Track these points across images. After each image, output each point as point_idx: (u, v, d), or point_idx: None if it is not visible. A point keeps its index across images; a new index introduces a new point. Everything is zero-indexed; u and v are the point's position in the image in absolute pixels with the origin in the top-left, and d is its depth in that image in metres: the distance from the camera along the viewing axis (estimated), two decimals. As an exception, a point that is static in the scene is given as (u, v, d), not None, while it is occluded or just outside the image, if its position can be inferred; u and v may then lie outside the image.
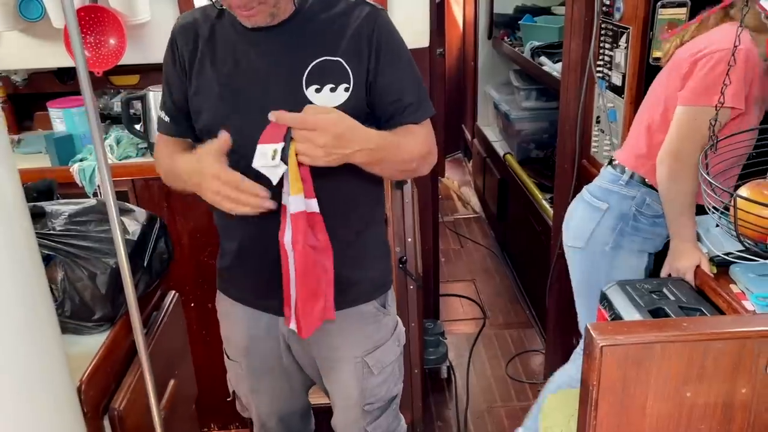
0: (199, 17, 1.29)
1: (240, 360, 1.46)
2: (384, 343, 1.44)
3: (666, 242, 1.68)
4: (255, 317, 1.40)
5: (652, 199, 1.67)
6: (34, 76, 2.37)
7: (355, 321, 1.39)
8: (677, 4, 1.69)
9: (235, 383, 1.53)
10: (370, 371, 1.43)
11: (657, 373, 0.95)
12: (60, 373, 0.82)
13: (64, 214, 1.19)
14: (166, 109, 1.35)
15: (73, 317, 1.14)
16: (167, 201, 2.07)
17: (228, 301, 1.44)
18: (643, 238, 1.71)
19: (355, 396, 1.44)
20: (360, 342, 1.40)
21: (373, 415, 1.49)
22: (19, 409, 0.76)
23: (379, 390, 1.46)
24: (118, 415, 1.10)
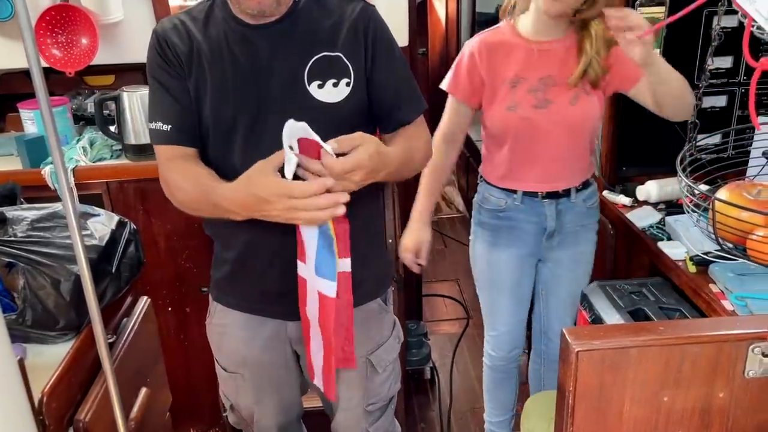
0: (186, 19, 1.25)
1: (242, 372, 1.42)
2: (386, 341, 1.45)
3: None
4: (257, 326, 1.36)
5: (489, 193, 1.77)
6: (5, 76, 2.31)
7: (360, 321, 1.37)
8: (656, 2, 1.68)
9: (234, 397, 1.47)
10: (375, 370, 1.43)
11: (634, 377, 0.93)
12: (11, 388, 0.78)
13: (27, 220, 1.15)
14: (166, 116, 1.22)
15: (36, 326, 1.10)
16: (143, 204, 2.04)
17: (226, 312, 1.39)
18: (489, 231, 1.80)
19: (359, 396, 1.44)
20: (364, 341, 1.40)
21: (374, 416, 1.49)
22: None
23: (381, 389, 1.46)
24: (84, 427, 1.06)
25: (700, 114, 1.61)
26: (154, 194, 2.03)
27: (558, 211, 1.72)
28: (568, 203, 1.72)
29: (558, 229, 1.74)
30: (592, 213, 1.77)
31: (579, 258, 1.80)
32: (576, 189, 1.71)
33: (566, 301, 1.84)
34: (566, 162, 1.68)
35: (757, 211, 1.03)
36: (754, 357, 0.92)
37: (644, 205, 1.81)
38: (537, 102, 1.61)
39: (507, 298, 1.87)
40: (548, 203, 1.70)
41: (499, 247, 1.80)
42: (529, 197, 1.72)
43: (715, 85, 1.77)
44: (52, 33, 2.04)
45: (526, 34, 1.63)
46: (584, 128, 1.65)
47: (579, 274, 1.82)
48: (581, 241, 1.77)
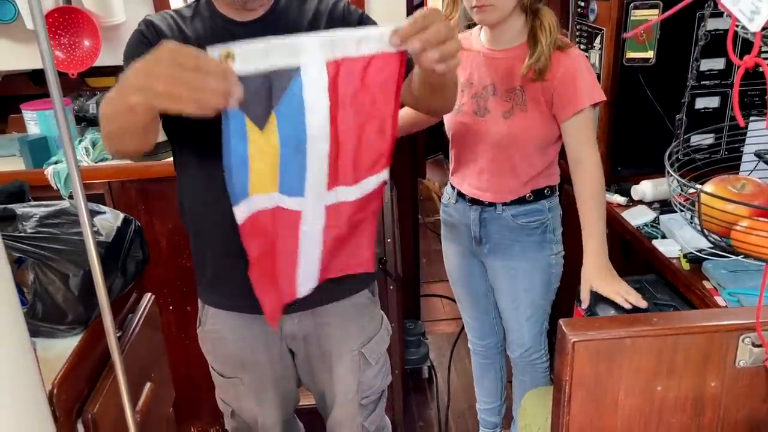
0: (174, 15, 1.27)
1: (240, 375, 1.42)
2: (376, 334, 1.47)
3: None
4: (250, 326, 1.36)
5: (447, 188, 1.84)
6: (8, 78, 2.34)
7: (352, 314, 1.41)
8: (649, 5, 1.72)
9: (236, 402, 1.47)
10: (367, 362, 1.45)
11: (628, 367, 0.96)
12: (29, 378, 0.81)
13: (36, 217, 1.18)
14: None
15: (45, 320, 1.13)
16: (144, 203, 2.06)
17: (217, 317, 1.39)
18: (442, 225, 1.90)
19: (354, 390, 1.46)
20: (357, 334, 1.43)
21: (368, 410, 1.52)
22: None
23: (374, 381, 1.49)
24: (92, 419, 1.09)
25: (693, 115, 1.65)
26: (155, 194, 2.06)
27: (482, 218, 1.74)
28: (494, 214, 1.72)
29: (485, 236, 1.76)
30: (530, 232, 1.72)
31: (513, 274, 1.77)
32: (504, 203, 1.70)
33: (510, 311, 1.84)
34: (492, 175, 1.68)
35: (741, 203, 1.06)
36: (744, 347, 0.95)
37: (639, 204, 1.84)
38: (477, 109, 1.64)
39: (462, 291, 1.95)
40: (473, 209, 1.74)
41: (447, 241, 1.90)
42: (461, 198, 1.77)
43: (708, 86, 1.81)
44: (55, 35, 2.07)
45: (482, 41, 1.66)
46: (511, 145, 1.62)
47: (516, 289, 1.79)
48: (515, 256, 1.74)
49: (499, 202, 1.70)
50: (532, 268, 1.75)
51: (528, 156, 1.64)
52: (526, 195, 1.69)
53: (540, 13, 1.56)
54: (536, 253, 1.74)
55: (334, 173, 1.08)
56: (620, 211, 1.82)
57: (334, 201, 1.12)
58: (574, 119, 1.56)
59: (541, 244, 1.74)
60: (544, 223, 1.72)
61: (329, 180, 1.08)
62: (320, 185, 1.08)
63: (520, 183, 1.68)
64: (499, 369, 2.11)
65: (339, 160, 1.07)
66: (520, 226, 1.71)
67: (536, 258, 1.74)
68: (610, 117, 1.88)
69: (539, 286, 1.78)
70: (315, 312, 1.38)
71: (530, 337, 1.86)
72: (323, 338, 1.41)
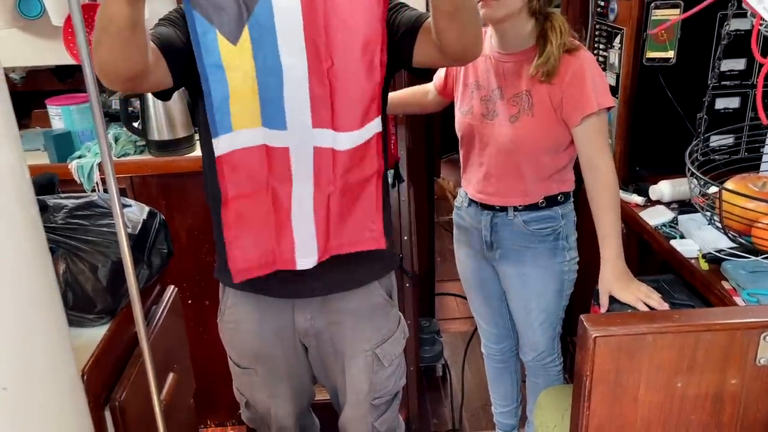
0: None
1: (255, 367, 1.45)
2: (392, 336, 1.47)
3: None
4: (267, 319, 1.39)
5: (459, 191, 1.85)
6: (32, 73, 2.37)
7: (366, 314, 1.41)
8: (670, 5, 1.72)
9: (250, 392, 1.50)
10: (381, 364, 1.45)
11: (649, 363, 0.97)
12: (66, 361, 0.84)
13: (66, 208, 1.20)
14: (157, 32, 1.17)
15: (75, 309, 1.15)
16: (165, 198, 2.09)
17: (235, 308, 1.41)
18: (455, 228, 1.90)
19: (366, 390, 1.46)
20: (371, 335, 1.43)
21: (380, 410, 1.52)
22: (27, 395, 0.77)
23: (387, 383, 1.49)
24: (119, 407, 1.11)
25: (713, 115, 1.65)
26: (176, 189, 2.08)
27: (493, 224, 1.72)
28: (505, 219, 1.70)
29: (496, 242, 1.74)
30: (542, 239, 1.70)
31: (525, 280, 1.76)
32: (515, 208, 1.69)
33: (523, 316, 1.83)
34: (498, 179, 1.67)
35: (762, 200, 1.07)
36: (765, 345, 0.96)
37: (657, 204, 1.85)
38: (486, 112, 1.64)
39: (475, 294, 1.94)
40: (485, 214, 1.72)
41: (459, 244, 1.89)
42: (473, 202, 1.76)
43: (728, 87, 1.80)
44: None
45: (492, 44, 1.65)
46: (517, 149, 1.61)
47: (528, 295, 1.78)
48: (527, 262, 1.73)
49: (508, 205, 1.68)
50: (544, 274, 1.74)
51: (535, 161, 1.63)
52: (539, 201, 1.67)
53: (551, 17, 1.55)
54: (548, 260, 1.72)
55: (317, 107, 1.04)
56: (638, 211, 1.82)
57: (322, 144, 1.07)
58: (585, 124, 1.54)
59: (554, 251, 1.72)
60: (556, 230, 1.70)
61: (313, 114, 1.04)
62: (303, 115, 1.04)
63: (527, 188, 1.66)
64: (514, 371, 2.10)
65: (320, 90, 1.03)
66: (531, 232, 1.69)
67: (548, 265, 1.72)
68: (629, 116, 1.89)
69: (551, 292, 1.76)
70: (327, 308, 1.39)
71: (543, 341, 1.85)
72: (336, 337, 1.42)
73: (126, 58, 1.04)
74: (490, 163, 1.67)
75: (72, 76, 2.41)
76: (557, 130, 1.59)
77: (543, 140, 1.60)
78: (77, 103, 2.13)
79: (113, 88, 1.11)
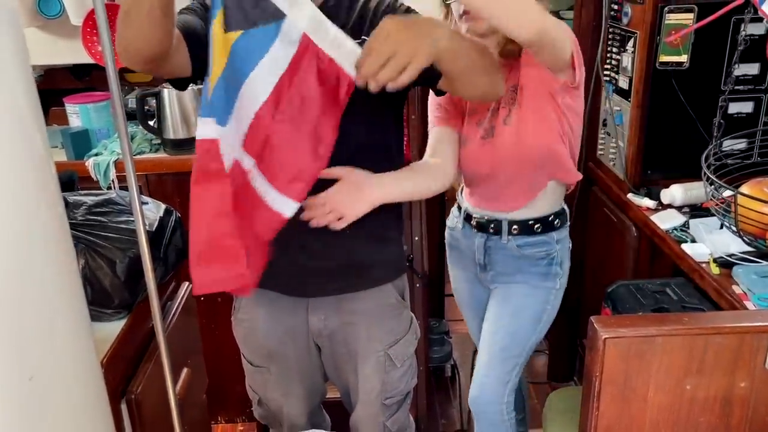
0: None
1: (268, 365, 1.46)
2: (404, 336, 1.48)
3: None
4: (277, 319, 1.41)
5: (453, 208, 1.77)
6: (50, 72, 2.41)
7: (379, 314, 1.42)
8: (684, 9, 1.72)
9: (263, 391, 1.52)
10: (393, 364, 1.46)
11: (658, 365, 0.98)
12: (88, 352, 0.86)
13: (85, 205, 1.23)
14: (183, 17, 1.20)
15: (94, 304, 1.17)
16: (180, 196, 2.11)
17: (249, 306, 1.43)
18: (447, 247, 1.81)
19: (377, 389, 1.47)
20: (384, 335, 1.44)
21: (391, 410, 1.53)
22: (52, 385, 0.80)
23: (399, 383, 1.50)
24: (135, 400, 1.13)
25: (726, 119, 1.65)
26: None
27: (487, 246, 1.65)
28: (499, 243, 1.62)
29: (489, 264, 1.67)
30: (535, 263, 1.62)
31: (506, 297, 1.67)
32: (510, 231, 1.60)
33: (488, 335, 1.68)
34: (510, 185, 1.58)
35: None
36: (775, 348, 0.96)
37: (668, 208, 1.85)
38: (485, 133, 1.55)
39: (471, 316, 1.84)
40: (479, 236, 1.65)
41: (453, 265, 1.82)
42: (468, 224, 1.68)
43: (742, 91, 1.80)
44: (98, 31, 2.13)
45: None
46: (522, 149, 1.51)
47: (502, 312, 1.67)
48: (515, 283, 1.64)
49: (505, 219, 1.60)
50: (527, 296, 1.64)
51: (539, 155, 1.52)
52: (535, 226, 1.60)
53: None
54: (538, 281, 1.64)
55: (252, 144, 1.07)
56: (649, 215, 1.82)
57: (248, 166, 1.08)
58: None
59: (546, 275, 1.63)
60: (551, 255, 1.62)
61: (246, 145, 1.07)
62: (238, 136, 1.06)
63: (527, 199, 1.58)
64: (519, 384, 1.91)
65: (260, 138, 1.06)
66: (525, 255, 1.62)
67: (537, 285, 1.64)
68: (641, 120, 1.89)
69: (528, 317, 1.65)
70: (341, 308, 1.40)
71: (493, 376, 1.66)
72: (349, 337, 1.43)
73: (152, 38, 1.04)
74: (499, 179, 1.57)
75: (89, 75, 2.45)
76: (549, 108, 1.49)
77: (539, 126, 1.49)
78: (95, 101, 2.17)
79: (133, 68, 1.12)
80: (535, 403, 2.47)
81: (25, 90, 0.82)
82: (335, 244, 1.32)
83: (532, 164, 1.54)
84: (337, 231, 1.30)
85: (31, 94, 0.83)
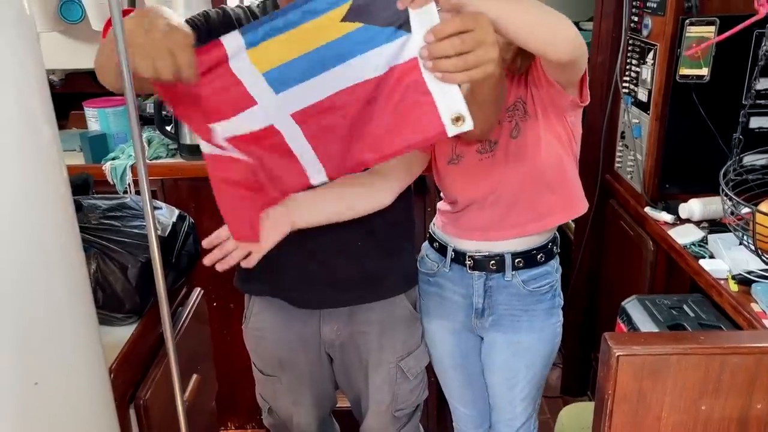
0: (246, 9, 1.31)
1: (279, 375, 1.46)
2: (416, 349, 1.47)
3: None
4: (288, 329, 1.40)
5: (426, 253, 1.55)
6: (71, 76, 2.44)
7: (391, 325, 1.42)
8: (705, 22, 1.70)
9: (273, 399, 1.51)
10: (405, 376, 1.46)
11: (673, 384, 0.96)
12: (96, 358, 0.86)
13: (99, 209, 1.24)
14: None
15: (104, 308, 1.18)
16: (195, 201, 2.12)
17: (260, 315, 1.43)
18: (423, 297, 1.54)
19: (388, 401, 1.47)
20: (396, 346, 1.43)
21: (401, 422, 1.52)
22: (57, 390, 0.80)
23: (410, 396, 1.49)
24: (144, 405, 1.13)
25: (747, 134, 1.62)
26: (206, 192, 2.09)
27: (487, 287, 1.47)
28: (502, 281, 1.46)
29: (489, 308, 1.49)
30: (540, 298, 1.49)
31: (516, 349, 1.51)
32: (514, 265, 1.44)
33: (504, 390, 1.57)
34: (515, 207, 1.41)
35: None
36: (794, 370, 0.94)
37: (686, 222, 1.82)
38: (482, 147, 1.41)
39: (454, 375, 1.62)
40: (476, 277, 1.46)
41: (430, 317, 1.54)
42: (458, 265, 1.47)
43: (763, 105, 1.77)
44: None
45: None
46: (533, 158, 1.38)
47: (516, 366, 1.53)
48: (521, 328, 1.49)
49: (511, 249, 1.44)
50: (538, 340, 1.52)
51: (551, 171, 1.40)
52: (538, 256, 1.47)
53: None
54: (544, 321, 1.51)
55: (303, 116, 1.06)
56: (667, 229, 1.79)
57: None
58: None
59: (550, 311, 1.51)
60: (552, 286, 1.51)
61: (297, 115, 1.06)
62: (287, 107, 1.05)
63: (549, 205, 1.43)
64: None
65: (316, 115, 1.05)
66: (530, 292, 1.48)
67: (543, 328, 1.51)
68: (660, 133, 1.87)
69: (541, 361, 1.55)
70: (354, 318, 1.40)
71: (523, 417, 1.60)
72: (361, 347, 1.43)
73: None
74: (503, 198, 1.41)
75: (109, 80, 2.47)
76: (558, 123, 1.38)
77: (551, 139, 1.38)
78: (113, 105, 2.19)
79: (109, 89, 1.12)
80: (548, 417, 2.43)
81: (37, 93, 0.82)
82: (346, 256, 1.31)
83: (542, 182, 1.40)
84: (348, 243, 1.29)
85: (44, 98, 0.83)
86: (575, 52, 1.14)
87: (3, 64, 0.76)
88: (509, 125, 1.38)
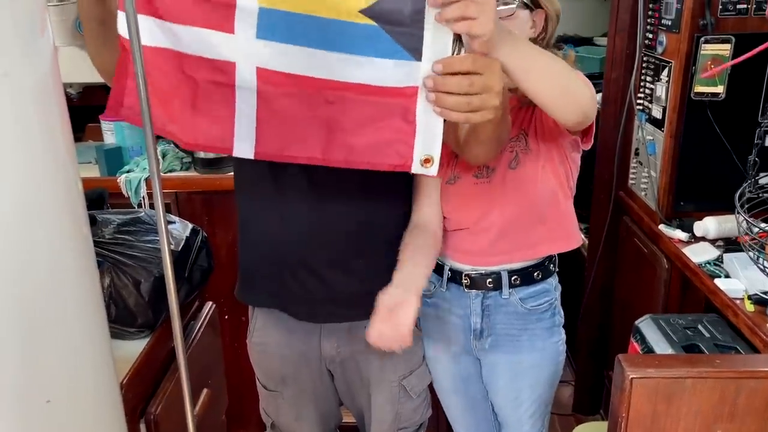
0: None
1: (281, 390, 1.46)
2: (419, 367, 1.46)
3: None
4: (290, 344, 1.40)
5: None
6: (88, 89, 2.47)
7: None
8: (721, 40, 1.69)
9: (275, 415, 1.51)
10: (407, 395, 1.44)
11: (687, 408, 0.94)
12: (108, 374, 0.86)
13: (114, 223, 1.25)
14: None
15: (117, 322, 1.19)
16: (208, 214, 2.14)
17: (263, 330, 1.43)
18: (422, 319, 1.50)
19: (390, 419, 1.45)
20: (397, 365, 1.42)
21: None
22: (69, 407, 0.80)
23: (413, 414, 1.47)
24: (154, 420, 1.14)
25: (763, 153, 1.61)
26: (219, 206, 2.13)
27: (485, 306, 1.45)
28: (499, 300, 1.44)
29: (488, 328, 1.48)
30: (540, 316, 1.47)
31: (518, 370, 1.49)
32: (510, 283, 1.43)
33: (510, 409, 1.56)
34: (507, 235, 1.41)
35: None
36: (811, 395, 0.92)
37: (701, 241, 1.80)
38: (478, 171, 1.41)
39: (456, 400, 1.60)
40: (473, 296, 1.45)
41: (430, 340, 1.52)
42: (455, 284, 1.46)
43: (779, 124, 1.76)
44: (134, 51, 2.18)
45: None
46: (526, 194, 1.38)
47: (519, 386, 1.51)
48: (522, 348, 1.47)
49: (506, 269, 1.43)
50: (540, 359, 1.50)
51: (550, 195, 1.40)
52: (534, 273, 1.45)
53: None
54: (545, 341, 1.49)
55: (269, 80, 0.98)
56: (682, 248, 1.78)
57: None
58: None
59: (551, 330, 1.49)
60: (552, 304, 1.49)
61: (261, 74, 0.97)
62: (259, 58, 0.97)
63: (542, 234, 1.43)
64: None
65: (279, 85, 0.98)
66: (529, 311, 1.46)
67: (545, 347, 1.49)
68: (675, 151, 1.86)
69: (545, 379, 1.53)
70: (354, 335, 1.39)
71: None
72: (362, 365, 1.42)
73: (98, 53, 1.08)
74: (494, 225, 1.41)
75: (124, 94, 2.50)
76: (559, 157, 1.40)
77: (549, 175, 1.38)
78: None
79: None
80: (560, 435, 2.41)
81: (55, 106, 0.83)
82: (347, 271, 1.32)
83: (534, 214, 1.40)
84: (349, 258, 1.30)
85: (61, 111, 0.84)
86: (582, 118, 1.15)
87: (22, 78, 0.77)
88: (509, 155, 1.38)
